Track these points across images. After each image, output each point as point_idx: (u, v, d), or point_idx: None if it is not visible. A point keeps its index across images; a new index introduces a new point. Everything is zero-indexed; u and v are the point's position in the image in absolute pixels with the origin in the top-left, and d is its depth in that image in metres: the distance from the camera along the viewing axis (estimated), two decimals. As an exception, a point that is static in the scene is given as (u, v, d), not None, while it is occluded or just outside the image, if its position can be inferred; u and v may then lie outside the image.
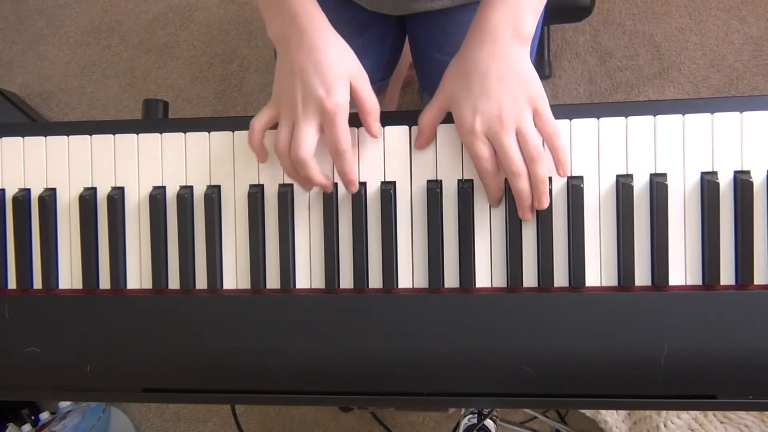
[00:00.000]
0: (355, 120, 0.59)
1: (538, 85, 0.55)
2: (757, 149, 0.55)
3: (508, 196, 0.57)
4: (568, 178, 0.57)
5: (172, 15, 1.48)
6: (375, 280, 0.59)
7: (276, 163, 0.59)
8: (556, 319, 0.56)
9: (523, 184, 0.54)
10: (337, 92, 0.55)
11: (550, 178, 0.57)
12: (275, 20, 0.58)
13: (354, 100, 0.57)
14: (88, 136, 0.62)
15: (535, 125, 0.55)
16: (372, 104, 0.57)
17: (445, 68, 0.78)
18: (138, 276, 0.61)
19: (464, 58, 0.56)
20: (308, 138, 0.55)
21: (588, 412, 1.18)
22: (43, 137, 0.62)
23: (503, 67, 0.54)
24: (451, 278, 0.58)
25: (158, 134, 0.61)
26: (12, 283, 0.63)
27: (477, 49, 0.55)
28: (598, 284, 0.57)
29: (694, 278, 0.56)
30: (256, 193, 0.59)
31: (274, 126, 0.58)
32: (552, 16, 0.83)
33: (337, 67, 0.56)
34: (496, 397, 0.58)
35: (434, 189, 0.57)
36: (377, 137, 0.58)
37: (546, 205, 0.55)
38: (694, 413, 1.02)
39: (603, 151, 0.57)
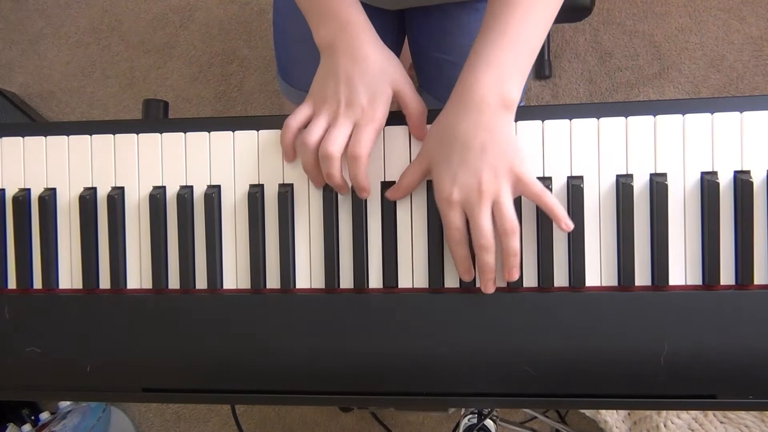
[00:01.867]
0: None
1: (519, 154, 0.55)
2: (757, 149, 0.55)
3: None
4: (568, 178, 0.57)
5: (172, 15, 1.48)
6: (375, 280, 0.59)
7: (276, 163, 0.60)
8: (556, 319, 0.56)
9: (488, 258, 0.54)
10: (378, 103, 0.56)
11: (550, 178, 0.57)
12: (323, 26, 0.59)
13: (400, 105, 0.58)
14: (88, 136, 0.62)
15: (522, 192, 0.55)
16: (416, 107, 0.58)
17: (444, 67, 0.78)
18: (138, 276, 0.61)
19: (447, 125, 0.56)
20: (342, 136, 0.56)
21: (588, 412, 1.18)
22: (43, 137, 0.62)
23: (486, 138, 0.54)
24: (452, 278, 0.58)
25: (158, 134, 0.61)
26: (12, 283, 0.63)
27: (460, 117, 0.55)
28: (598, 284, 0.57)
29: (694, 278, 0.56)
30: (256, 193, 0.59)
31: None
32: (552, 16, 0.83)
33: (382, 76, 0.57)
34: (496, 397, 0.58)
35: (434, 189, 0.57)
36: (420, 138, 0.58)
37: (516, 278, 0.56)
38: (694, 413, 1.02)
39: (603, 151, 0.57)
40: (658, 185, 0.55)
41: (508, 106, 0.55)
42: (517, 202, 0.56)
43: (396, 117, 0.59)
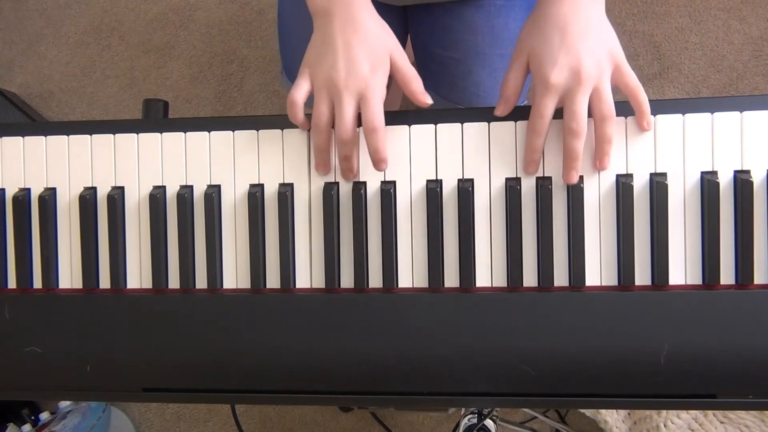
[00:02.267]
0: (357, 121, 0.59)
1: (617, 41, 0.55)
2: (757, 149, 0.55)
3: (508, 197, 0.57)
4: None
5: (172, 15, 1.48)
6: (375, 280, 0.59)
7: (275, 163, 0.59)
8: (556, 319, 0.56)
9: (578, 145, 0.54)
10: (379, 72, 0.56)
11: (550, 177, 0.57)
12: None
13: (394, 74, 0.58)
14: (88, 136, 0.62)
15: (617, 81, 0.55)
16: (413, 74, 0.58)
17: (446, 64, 0.77)
18: (138, 276, 0.61)
19: (542, 15, 0.56)
20: (352, 115, 0.56)
21: (588, 412, 1.18)
22: (43, 137, 0.62)
23: (584, 22, 0.54)
24: (451, 278, 0.58)
25: (158, 134, 0.61)
26: (12, 283, 0.63)
27: (556, 5, 0.55)
28: (598, 284, 0.57)
29: (694, 278, 0.56)
30: (256, 193, 0.59)
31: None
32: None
33: (381, 46, 0.57)
34: (496, 397, 0.58)
35: (434, 189, 0.57)
36: (425, 103, 0.58)
37: (607, 166, 0.55)
38: (694, 413, 1.02)
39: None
40: (658, 185, 0.55)
41: None
42: (516, 200, 0.56)
43: (396, 117, 0.59)
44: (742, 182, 0.54)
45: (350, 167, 0.58)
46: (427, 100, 0.58)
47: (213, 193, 0.60)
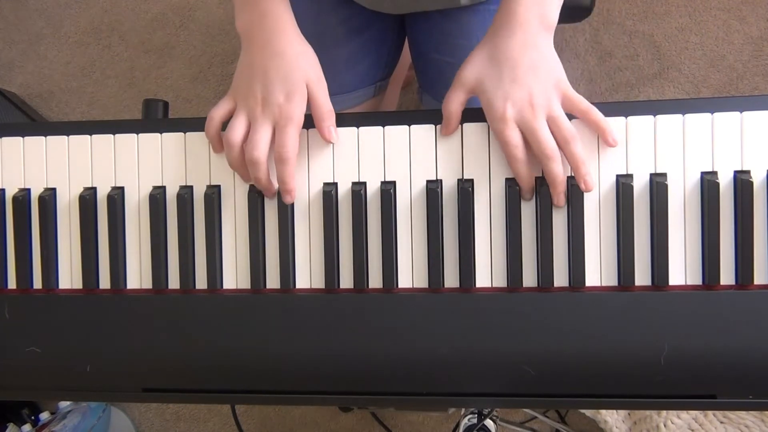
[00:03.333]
0: (360, 120, 0.59)
1: (563, 72, 0.56)
2: (757, 149, 0.55)
3: (508, 198, 0.57)
4: (568, 178, 0.57)
5: (172, 15, 1.48)
6: (375, 280, 0.59)
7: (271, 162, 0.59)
8: (556, 319, 0.56)
9: (557, 168, 0.54)
10: (294, 100, 0.57)
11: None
12: (244, 14, 0.60)
13: (310, 104, 0.58)
14: (88, 136, 0.62)
15: (569, 108, 0.56)
16: (325, 110, 0.58)
17: (443, 68, 0.77)
18: (138, 276, 0.61)
19: (493, 46, 0.57)
20: (264, 139, 0.57)
21: (588, 412, 1.18)
22: (43, 137, 0.62)
23: (534, 56, 0.55)
24: (451, 278, 0.58)
25: (158, 134, 0.61)
26: (12, 283, 0.63)
27: (507, 38, 0.56)
28: (598, 284, 0.57)
29: (694, 278, 0.56)
30: (255, 193, 0.59)
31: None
32: (552, 16, 0.83)
33: (297, 73, 0.57)
34: (496, 397, 0.58)
35: (434, 189, 0.57)
36: (331, 142, 0.58)
37: (592, 187, 0.55)
38: (694, 413, 1.02)
39: (603, 151, 0.57)
40: (658, 185, 0.55)
41: (549, 27, 0.57)
42: (516, 200, 0.56)
43: (397, 117, 0.59)
44: (742, 182, 0.54)
45: (265, 187, 0.58)
46: (332, 138, 0.58)
47: (213, 193, 0.60)
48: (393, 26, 0.83)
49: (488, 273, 0.58)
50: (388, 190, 0.58)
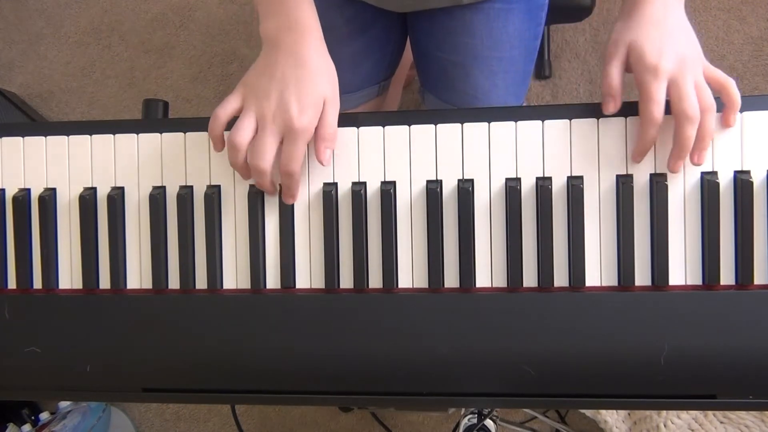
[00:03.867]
0: (360, 120, 0.59)
1: (698, 43, 0.56)
2: (757, 149, 0.55)
3: (508, 197, 0.57)
4: (568, 177, 0.57)
5: (172, 15, 1.48)
6: (375, 280, 0.59)
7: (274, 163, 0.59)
8: (556, 319, 0.56)
9: (692, 132, 0.53)
10: (307, 115, 0.55)
11: (550, 178, 0.57)
12: (271, 18, 0.58)
13: (319, 122, 0.57)
14: (88, 136, 0.62)
15: (708, 77, 0.55)
16: (331, 131, 0.57)
17: (446, 66, 0.77)
18: (138, 276, 0.61)
19: (634, 13, 0.57)
20: (271, 148, 0.56)
21: (588, 412, 1.18)
22: (43, 137, 0.62)
23: (675, 22, 0.56)
24: (451, 278, 0.58)
25: (158, 134, 0.61)
26: (12, 283, 0.63)
27: (645, 7, 0.56)
28: (598, 284, 0.57)
29: (694, 278, 0.56)
30: (256, 193, 0.59)
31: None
32: (552, 16, 0.83)
33: (316, 89, 0.56)
34: (496, 397, 0.58)
35: (434, 189, 0.57)
36: (324, 164, 0.58)
37: (702, 161, 0.54)
38: (694, 413, 1.02)
39: (603, 151, 0.57)
40: (658, 185, 0.55)
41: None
42: (516, 200, 0.56)
43: (396, 117, 0.59)
44: (742, 182, 0.54)
45: (267, 190, 0.58)
46: (325, 161, 0.57)
47: (213, 193, 0.60)
48: (396, 25, 0.83)
49: (488, 273, 0.58)
50: (388, 190, 0.58)
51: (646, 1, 0.57)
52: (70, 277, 0.62)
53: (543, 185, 0.56)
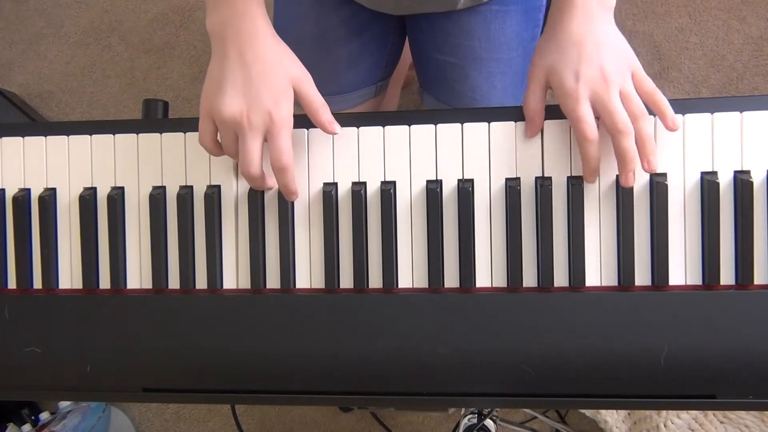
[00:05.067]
0: (360, 120, 0.59)
1: (631, 49, 0.56)
2: (757, 149, 0.55)
3: (508, 197, 0.57)
4: (568, 178, 0.57)
5: (172, 15, 1.48)
6: (375, 280, 0.59)
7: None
8: (556, 319, 0.56)
9: (629, 143, 0.53)
10: (283, 104, 0.54)
11: (550, 178, 0.57)
12: (217, 13, 0.56)
13: (300, 102, 0.56)
14: (88, 136, 0.62)
15: (636, 87, 0.55)
16: (318, 104, 0.56)
17: (445, 68, 0.77)
18: (138, 276, 0.61)
19: (555, 34, 0.57)
20: (257, 153, 0.54)
21: (588, 412, 1.18)
22: (43, 137, 0.62)
23: (599, 35, 0.55)
24: (451, 278, 0.58)
25: (158, 134, 0.61)
26: (12, 283, 0.63)
27: (568, 22, 0.56)
28: (598, 284, 0.57)
29: (694, 278, 0.56)
30: (256, 193, 0.59)
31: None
32: (552, 16, 0.83)
33: (281, 74, 0.55)
34: (496, 397, 0.58)
35: (434, 189, 0.57)
36: (335, 133, 0.56)
37: (656, 166, 0.54)
38: (694, 413, 1.02)
39: (603, 151, 0.57)
40: (658, 185, 0.55)
41: (608, 7, 0.56)
42: (516, 200, 0.56)
43: (396, 117, 0.59)
44: (742, 182, 0.54)
45: (269, 189, 0.58)
46: (335, 129, 0.56)
47: (213, 193, 0.60)
48: (394, 26, 0.83)
49: (488, 273, 0.58)
50: (388, 190, 0.58)
51: (567, 18, 0.56)
52: (70, 277, 0.62)
53: (543, 185, 0.56)
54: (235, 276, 0.60)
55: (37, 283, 0.62)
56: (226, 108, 0.54)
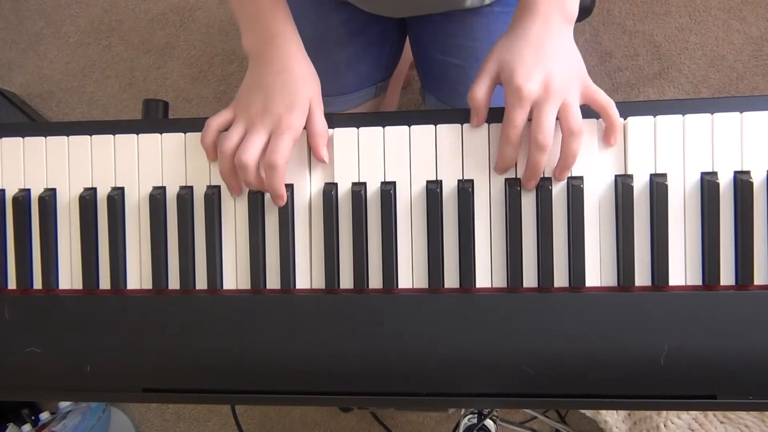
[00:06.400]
0: (360, 120, 0.59)
1: (583, 65, 0.57)
2: (757, 149, 0.55)
3: (508, 198, 0.57)
4: (568, 178, 0.57)
5: (172, 15, 1.48)
6: (375, 280, 0.59)
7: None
8: (556, 319, 0.56)
9: (542, 159, 0.54)
10: (295, 112, 0.57)
11: (550, 178, 0.57)
12: (251, 34, 0.61)
13: (307, 122, 0.59)
14: (88, 136, 0.62)
15: (587, 98, 0.56)
16: (321, 128, 0.59)
17: (447, 69, 0.77)
18: (138, 276, 0.61)
19: (515, 34, 0.57)
20: (257, 144, 0.57)
21: (588, 412, 1.18)
22: (43, 137, 0.62)
23: (555, 44, 0.56)
24: (451, 278, 0.58)
25: (158, 134, 0.61)
26: (12, 283, 0.63)
27: (527, 27, 0.57)
28: (598, 284, 0.57)
29: (694, 278, 0.56)
30: (256, 193, 0.59)
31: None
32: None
33: (301, 89, 0.58)
34: (496, 397, 0.58)
35: (434, 189, 0.57)
36: (323, 161, 0.59)
37: (564, 178, 0.56)
38: (694, 413, 1.02)
39: (603, 150, 0.57)
40: (658, 185, 0.55)
41: (569, 19, 0.57)
42: (516, 200, 0.56)
43: (396, 117, 0.59)
44: (742, 183, 0.54)
45: (258, 189, 0.59)
46: (323, 158, 0.58)
47: (213, 193, 0.60)
48: (394, 27, 0.83)
49: (488, 273, 0.58)
50: (388, 190, 0.58)
51: (529, 21, 0.57)
52: (70, 277, 0.62)
53: (542, 185, 0.56)
54: (235, 276, 0.60)
55: (37, 284, 0.62)
56: (248, 105, 0.59)
